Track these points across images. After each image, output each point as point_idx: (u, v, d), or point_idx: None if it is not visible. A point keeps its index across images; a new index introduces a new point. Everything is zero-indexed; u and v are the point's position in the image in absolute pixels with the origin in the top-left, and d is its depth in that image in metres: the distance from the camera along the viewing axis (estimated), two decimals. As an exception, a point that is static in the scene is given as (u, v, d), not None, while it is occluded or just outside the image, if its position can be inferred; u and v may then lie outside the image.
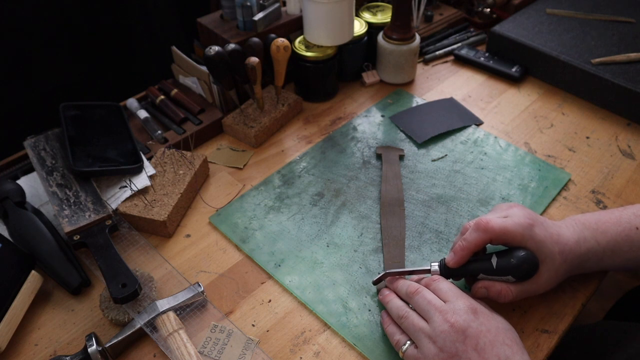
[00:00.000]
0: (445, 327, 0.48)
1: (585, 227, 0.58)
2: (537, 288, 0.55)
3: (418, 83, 0.93)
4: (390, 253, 0.64)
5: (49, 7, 0.89)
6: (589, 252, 0.57)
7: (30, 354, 0.56)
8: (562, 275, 0.57)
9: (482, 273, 0.55)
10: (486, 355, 0.47)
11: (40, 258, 0.61)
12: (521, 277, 0.54)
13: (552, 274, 0.55)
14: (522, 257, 0.54)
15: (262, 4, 0.84)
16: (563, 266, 0.56)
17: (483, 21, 1.06)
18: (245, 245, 0.66)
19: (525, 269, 0.54)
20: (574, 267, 0.57)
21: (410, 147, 0.79)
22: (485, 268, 0.55)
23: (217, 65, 0.75)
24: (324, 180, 0.74)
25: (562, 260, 0.55)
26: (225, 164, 0.78)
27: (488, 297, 0.55)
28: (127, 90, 0.88)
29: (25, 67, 0.91)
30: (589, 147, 0.79)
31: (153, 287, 0.60)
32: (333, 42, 0.83)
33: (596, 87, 0.84)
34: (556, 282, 0.57)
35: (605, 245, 0.57)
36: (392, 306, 0.55)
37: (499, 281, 0.55)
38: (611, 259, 0.58)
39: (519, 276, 0.54)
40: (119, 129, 0.75)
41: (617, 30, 0.92)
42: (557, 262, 0.55)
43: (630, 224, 0.58)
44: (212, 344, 0.56)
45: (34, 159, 0.70)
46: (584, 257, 0.57)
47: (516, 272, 0.54)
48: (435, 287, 0.53)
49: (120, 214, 0.67)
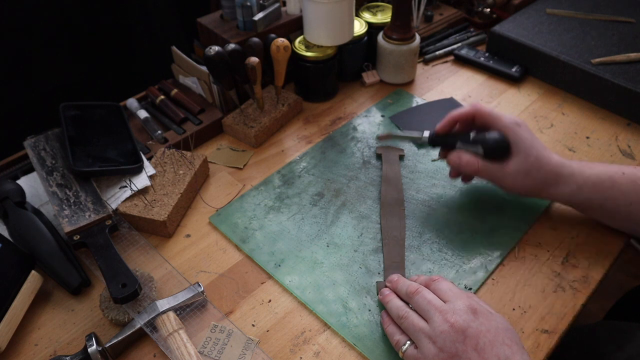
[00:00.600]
0: (445, 327, 0.48)
1: (572, 160, 0.63)
2: (502, 174, 0.62)
3: (418, 83, 0.93)
4: (390, 253, 0.64)
5: (49, 7, 0.89)
6: (571, 176, 0.61)
7: (30, 354, 0.56)
8: (532, 181, 0.61)
9: (460, 142, 0.64)
10: (486, 355, 0.47)
11: (40, 258, 0.61)
12: (489, 151, 0.62)
13: (521, 170, 0.61)
14: (495, 135, 0.62)
15: (262, 4, 0.84)
16: (536, 172, 0.60)
17: (483, 21, 1.06)
18: (245, 245, 0.66)
19: (494, 144, 0.62)
20: (550, 183, 0.61)
21: (410, 147, 0.79)
22: (463, 137, 0.65)
23: (217, 65, 0.75)
24: (324, 180, 0.74)
25: (538, 166, 0.60)
26: (225, 164, 0.78)
27: (459, 165, 0.64)
28: (127, 90, 0.88)
29: (25, 67, 0.91)
30: (589, 147, 0.79)
31: (153, 287, 0.60)
32: (333, 42, 0.83)
33: (596, 87, 0.84)
34: (523, 184, 0.61)
35: (588, 176, 0.61)
36: (392, 306, 0.55)
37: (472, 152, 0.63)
38: (591, 192, 0.60)
39: (487, 150, 0.62)
40: (119, 129, 0.75)
41: (617, 30, 0.92)
42: (531, 161, 0.60)
43: (619, 168, 0.61)
44: (212, 344, 0.56)
45: (34, 159, 0.70)
46: (564, 179, 0.61)
47: (486, 145, 0.62)
48: (435, 287, 0.53)
49: (120, 214, 0.67)
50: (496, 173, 0.63)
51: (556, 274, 0.62)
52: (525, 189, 0.62)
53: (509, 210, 0.69)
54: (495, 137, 0.62)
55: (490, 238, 0.66)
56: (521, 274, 0.62)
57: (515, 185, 0.62)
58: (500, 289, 0.61)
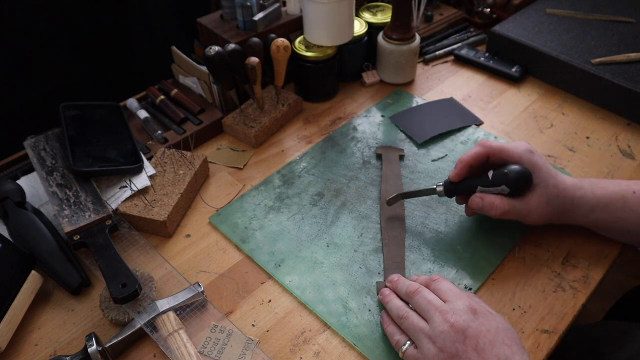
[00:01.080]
0: (445, 327, 0.48)
1: (584, 180, 0.62)
2: (527, 209, 0.59)
3: (418, 83, 0.93)
4: (391, 253, 0.64)
5: (49, 7, 0.89)
6: (583, 198, 0.60)
7: (30, 354, 0.56)
8: (552, 209, 0.60)
9: (479, 186, 0.61)
10: (486, 355, 0.47)
11: (40, 258, 0.61)
12: (514, 187, 0.59)
13: (542, 201, 0.59)
14: (515, 169, 0.59)
15: (262, 4, 0.84)
16: (555, 199, 0.59)
17: (483, 21, 1.06)
18: (245, 245, 0.66)
19: (518, 178, 0.59)
20: (566, 208, 0.60)
21: (410, 147, 0.79)
22: (483, 181, 0.61)
23: (217, 65, 0.75)
24: (324, 180, 0.74)
25: (556, 193, 0.59)
26: (225, 164, 0.78)
27: (482, 208, 0.61)
28: (127, 90, 0.87)
29: (25, 67, 0.91)
30: (589, 147, 0.79)
31: (153, 287, 0.60)
32: (333, 42, 0.83)
33: (596, 87, 0.84)
34: (546, 215, 0.60)
35: (600, 197, 0.60)
36: (392, 306, 0.55)
37: (494, 193, 0.60)
38: (603, 213, 0.60)
39: (512, 186, 0.59)
40: (119, 129, 0.75)
41: (617, 30, 0.92)
42: (550, 191, 0.59)
43: (629, 187, 0.61)
44: (212, 344, 0.56)
45: (34, 159, 0.70)
46: (576, 202, 0.60)
47: (509, 181, 0.59)
48: (435, 287, 0.53)
49: (120, 214, 0.67)
50: (521, 211, 0.60)
51: (556, 274, 0.62)
52: (547, 218, 0.61)
53: (509, 210, 0.69)
54: (516, 171, 0.59)
55: (490, 238, 0.66)
56: (521, 274, 0.62)
57: (540, 217, 0.60)
58: (500, 289, 0.61)
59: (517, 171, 0.59)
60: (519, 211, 0.60)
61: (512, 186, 0.59)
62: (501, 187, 0.59)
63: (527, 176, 0.59)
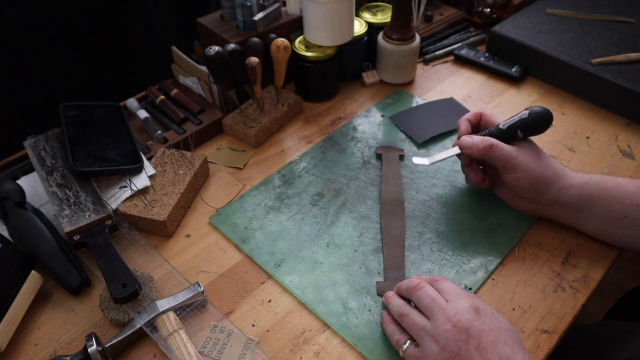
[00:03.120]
0: (448, 326, 0.48)
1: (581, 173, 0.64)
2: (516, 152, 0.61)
3: (418, 83, 0.93)
4: (391, 253, 0.64)
5: (49, 7, 0.89)
6: (573, 173, 0.63)
7: (30, 354, 0.56)
8: (541, 167, 0.62)
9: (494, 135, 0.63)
10: (488, 354, 0.47)
11: (40, 258, 0.61)
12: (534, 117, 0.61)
13: (532, 151, 0.62)
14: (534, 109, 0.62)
15: (262, 4, 0.84)
16: (545, 159, 0.62)
17: (483, 21, 1.06)
18: (245, 245, 0.66)
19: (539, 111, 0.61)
20: (558, 173, 0.62)
21: (410, 147, 0.79)
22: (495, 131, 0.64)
23: (217, 65, 0.75)
24: (324, 180, 0.74)
25: (545, 157, 0.62)
26: (225, 164, 0.78)
27: (471, 146, 0.62)
28: (127, 90, 0.87)
29: (25, 67, 0.91)
30: (589, 147, 0.79)
31: (153, 287, 0.60)
32: (333, 42, 0.83)
33: (596, 87, 0.84)
34: (533, 168, 0.61)
35: (591, 175, 0.62)
36: (393, 305, 0.55)
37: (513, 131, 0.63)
38: (597, 189, 0.61)
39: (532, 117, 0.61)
40: (119, 129, 0.75)
41: (617, 30, 0.92)
42: (539, 150, 0.63)
43: (615, 177, 0.62)
44: (212, 344, 0.56)
45: (34, 159, 0.70)
46: (569, 172, 0.63)
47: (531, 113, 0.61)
48: (438, 287, 0.53)
49: (120, 214, 0.67)
50: (511, 152, 0.61)
51: (556, 274, 0.62)
52: (535, 176, 0.61)
53: (509, 210, 0.69)
54: (541, 107, 0.62)
55: (490, 238, 0.66)
56: (521, 274, 0.62)
57: (528, 169, 0.61)
58: (500, 289, 0.61)
59: (540, 107, 0.62)
60: (509, 153, 0.61)
61: (532, 111, 0.61)
62: (522, 113, 0.62)
63: (549, 112, 0.61)
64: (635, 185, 0.60)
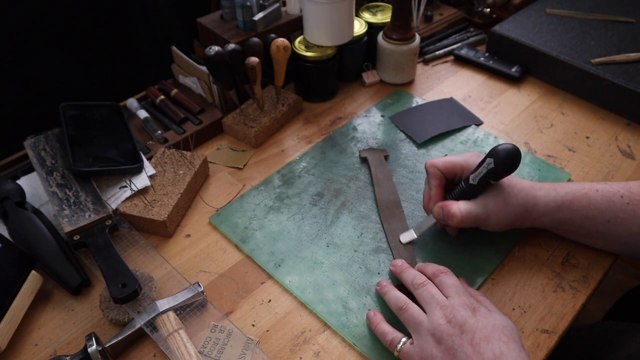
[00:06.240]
0: (443, 322, 0.49)
1: (545, 183, 0.62)
2: (486, 214, 0.58)
3: (418, 83, 0.93)
4: (401, 255, 0.63)
5: (49, 7, 0.89)
6: (547, 197, 0.59)
7: (30, 354, 0.56)
8: (513, 210, 0.59)
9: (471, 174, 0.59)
10: (481, 349, 0.47)
11: (40, 258, 0.61)
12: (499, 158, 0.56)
13: (500, 202, 0.58)
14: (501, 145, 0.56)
15: (262, 4, 0.84)
16: (514, 199, 0.59)
17: (483, 21, 1.06)
18: (245, 245, 0.66)
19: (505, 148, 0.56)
20: (528, 209, 0.59)
21: (410, 147, 0.79)
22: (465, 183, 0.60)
23: (217, 65, 0.75)
24: (324, 180, 0.74)
25: (513, 193, 0.59)
26: (225, 164, 0.78)
27: (443, 217, 0.60)
28: (127, 90, 0.88)
29: (25, 67, 0.91)
30: (589, 147, 0.79)
31: (153, 287, 0.60)
32: (333, 42, 0.83)
33: (596, 87, 0.84)
34: (506, 217, 0.59)
35: (564, 195, 0.60)
36: (390, 297, 0.55)
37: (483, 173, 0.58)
38: (569, 211, 0.59)
39: (497, 157, 0.56)
40: (119, 129, 0.75)
41: (617, 30, 0.92)
42: (506, 191, 0.59)
43: (592, 186, 0.60)
44: (212, 344, 0.56)
45: (34, 159, 0.70)
46: (540, 200, 0.59)
47: (496, 152, 0.56)
48: (441, 280, 0.54)
49: (120, 214, 0.67)
50: (480, 215, 0.58)
51: (556, 274, 0.62)
52: (508, 221, 0.60)
53: (508, 210, 0.69)
54: (502, 146, 0.56)
55: (490, 238, 0.66)
56: (521, 274, 0.62)
57: (500, 220, 0.59)
58: (500, 289, 0.61)
59: (503, 146, 0.57)
60: (478, 215, 0.58)
61: (497, 157, 0.56)
62: (487, 161, 0.57)
63: (514, 150, 0.56)
64: (608, 199, 0.59)
